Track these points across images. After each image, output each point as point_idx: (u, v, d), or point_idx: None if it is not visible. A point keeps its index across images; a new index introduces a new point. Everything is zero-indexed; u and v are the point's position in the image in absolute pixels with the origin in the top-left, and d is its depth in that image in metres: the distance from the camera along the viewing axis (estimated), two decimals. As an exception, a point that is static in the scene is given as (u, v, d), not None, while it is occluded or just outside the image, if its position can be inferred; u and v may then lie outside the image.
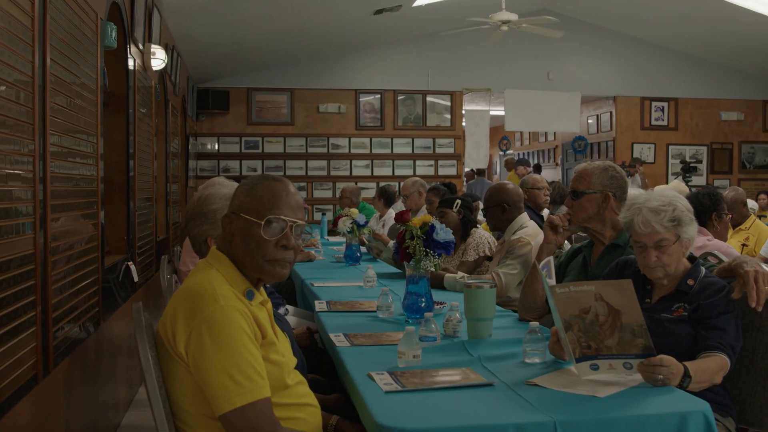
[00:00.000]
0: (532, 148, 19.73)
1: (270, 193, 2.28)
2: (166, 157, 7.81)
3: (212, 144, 12.94)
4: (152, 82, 6.70)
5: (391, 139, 13.50)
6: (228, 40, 10.55)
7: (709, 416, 2.14)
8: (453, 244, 3.43)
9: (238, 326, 2.10)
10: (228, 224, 2.30)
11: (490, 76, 13.64)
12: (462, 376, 2.48)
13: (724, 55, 14.35)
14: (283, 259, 2.27)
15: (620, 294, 2.38)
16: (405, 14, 11.36)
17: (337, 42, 12.56)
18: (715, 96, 14.88)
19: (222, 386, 2.05)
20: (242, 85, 12.98)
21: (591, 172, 3.47)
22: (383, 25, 11.81)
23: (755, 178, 14.91)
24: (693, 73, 14.67)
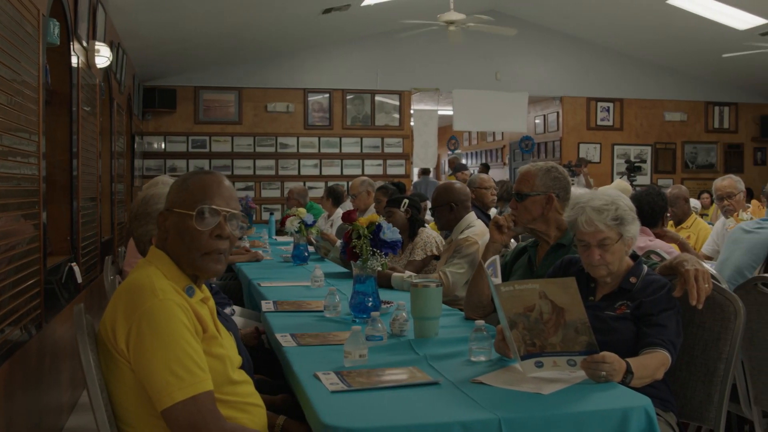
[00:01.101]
0: (480, 148, 19.87)
1: (201, 185, 2.27)
2: (111, 156, 7.70)
3: (159, 143, 12.79)
4: (97, 80, 6.60)
5: (340, 138, 13.48)
6: (175, 37, 10.44)
7: (650, 411, 2.18)
8: (400, 244, 3.44)
9: (177, 319, 2.09)
10: (163, 221, 2.28)
11: (439, 76, 13.70)
12: (408, 375, 2.48)
13: (668, 58, 14.60)
14: (217, 250, 2.24)
15: (564, 292, 2.41)
16: (354, 13, 11.35)
17: (285, 41, 12.50)
18: (659, 97, 15.14)
19: (163, 380, 2.03)
20: (189, 83, 12.85)
21: (534, 173, 3.50)
22: (332, 24, 11.79)
23: (698, 177, 15.20)
24: (638, 75, 14.90)
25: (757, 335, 3.10)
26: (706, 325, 2.94)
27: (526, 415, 2.12)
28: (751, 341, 3.14)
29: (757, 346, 3.11)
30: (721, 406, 2.88)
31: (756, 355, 3.13)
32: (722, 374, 2.88)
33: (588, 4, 12.73)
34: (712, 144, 15.63)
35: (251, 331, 3.73)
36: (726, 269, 3.79)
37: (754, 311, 3.08)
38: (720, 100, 15.55)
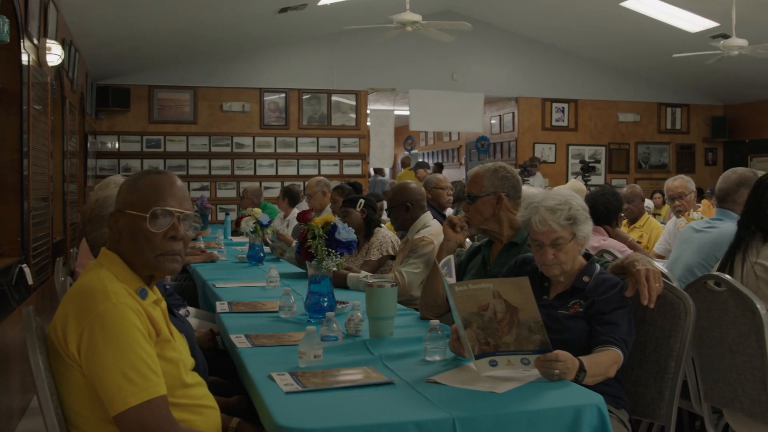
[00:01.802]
0: (436, 148, 19.95)
1: (153, 185, 2.25)
2: (63, 155, 7.59)
3: (112, 143, 12.63)
4: (48, 78, 6.49)
5: (296, 138, 13.43)
6: (128, 35, 10.32)
7: (602, 408, 2.21)
8: (355, 244, 3.43)
9: (131, 323, 2.06)
10: (115, 222, 2.25)
11: (395, 76, 13.71)
12: (363, 375, 2.48)
13: (622, 59, 14.79)
14: (172, 251, 2.23)
15: (517, 291, 2.43)
16: (310, 13, 11.32)
17: (241, 40, 12.43)
18: (612, 98, 15.33)
19: (116, 385, 2.00)
20: (144, 82, 12.70)
21: (482, 174, 3.52)
22: (288, 23, 11.74)
23: (650, 177, 15.41)
24: (592, 76, 15.07)
25: (707, 333, 3.15)
26: (658, 323, 2.98)
27: (481, 414, 2.14)
28: (700, 339, 3.19)
29: (707, 343, 3.16)
30: (672, 403, 2.92)
31: (705, 352, 3.18)
32: (673, 371, 2.92)
33: (543, 6, 12.84)
34: (665, 144, 15.86)
35: (206, 333, 3.70)
36: (677, 268, 3.85)
37: (704, 309, 3.13)
38: (672, 102, 15.79)
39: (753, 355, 2.91)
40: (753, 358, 2.91)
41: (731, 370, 3.04)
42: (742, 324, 2.95)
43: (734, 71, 13.17)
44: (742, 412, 3.02)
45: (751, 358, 2.92)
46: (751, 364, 2.93)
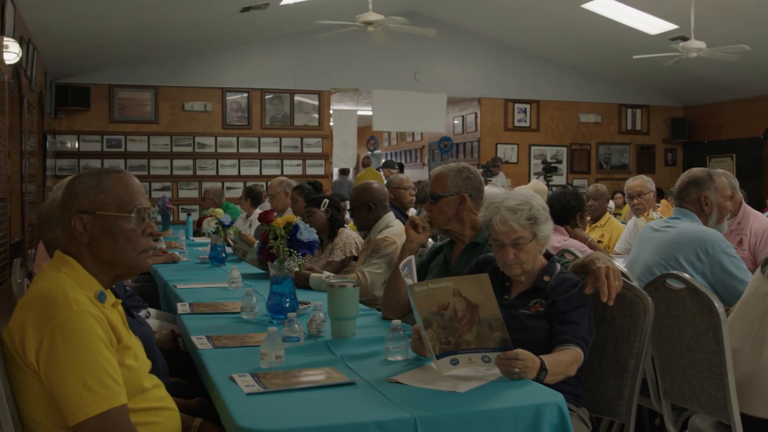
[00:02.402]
0: (399, 148, 19.97)
1: (122, 184, 2.24)
2: (21, 155, 7.49)
3: (72, 142, 12.49)
4: (5, 76, 6.40)
5: (259, 138, 13.37)
6: (88, 34, 10.20)
7: (563, 407, 2.22)
8: (317, 244, 3.43)
9: (92, 332, 2.03)
10: (81, 226, 2.20)
11: (358, 76, 13.70)
12: (325, 375, 2.48)
13: (584, 61, 14.92)
14: (150, 248, 2.27)
15: (477, 288, 2.44)
16: (273, 12, 11.28)
17: (203, 39, 12.34)
18: (574, 99, 15.46)
19: (76, 395, 1.97)
20: (104, 81, 12.57)
21: (446, 175, 3.53)
22: (251, 23, 11.69)
23: (611, 177, 15.56)
24: (554, 77, 15.18)
25: (666, 331, 3.18)
26: (617, 322, 3.01)
27: (442, 414, 2.14)
28: (659, 337, 3.23)
29: (666, 341, 3.20)
30: (631, 401, 2.95)
31: (665, 350, 3.21)
32: (632, 369, 2.96)
33: (506, 7, 12.91)
34: (625, 145, 16.04)
35: (167, 334, 3.67)
36: (636, 267, 3.89)
37: (663, 308, 3.17)
38: (633, 103, 15.97)
39: (711, 352, 2.95)
40: (711, 355, 2.95)
41: (690, 368, 3.08)
42: (700, 322, 2.98)
43: (693, 73, 13.36)
44: (701, 409, 3.05)
45: (709, 355, 2.96)
46: (709, 362, 2.96)
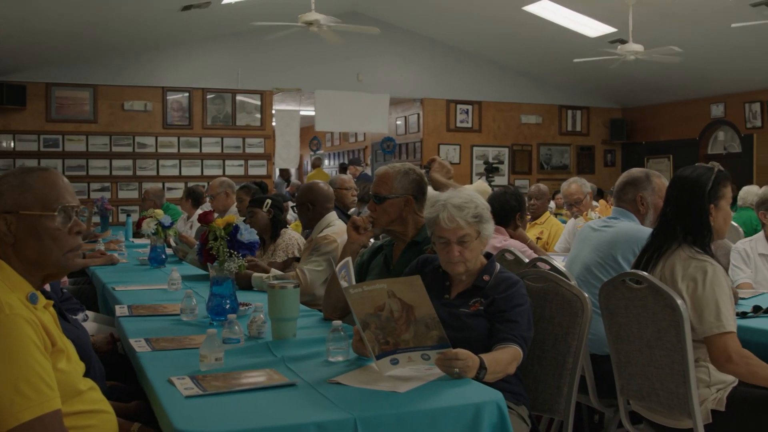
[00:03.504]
0: (342, 149, 19.96)
1: (47, 183, 2.20)
2: (-46, 155, 7.30)
3: (7, 142, 12.21)
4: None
5: (200, 138, 13.23)
6: (24, 31, 9.99)
7: (502, 405, 2.25)
8: (257, 245, 3.41)
9: (26, 336, 1.99)
10: (5, 226, 2.16)
11: (301, 76, 13.65)
12: (265, 377, 2.47)
13: (525, 62, 15.08)
14: (78, 246, 2.22)
15: (411, 290, 2.45)
16: (214, 11, 11.17)
17: (143, 37, 12.17)
18: (515, 100, 15.61)
19: (8, 400, 1.93)
20: (41, 79, 12.30)
21: (393, 176, 3.52)
22: (191, 21, 11.56)
23: (552, 178, 15.74)
24: (496, 78, 15.31)
25: (624, 329, 3.21)
26: (556, 321, 3.05)
27: (382, 414, 2.15)
28: (618, 335, 3.26)
29: (624, 339, 3.23)
30: (570, 398, 3.00)
31: (623, 348, 3.24)
32: (571, 367, 3.00)
33: (448, 9, 12.99)
34: (566, 146, 16.25)
35: (105, 338, 3.61)
36: (575, 266, 3.93)
37: (622, 306, 3.19)
38: (573, 104, 16.19)
39: (672, 349, 2.98)
40: (672, 352, 2.98)
41: (649, 365, 3.11)
42: (661, 320, 3.01)
43: (631, 75, 13.59)
44: (659, 405, 3.10)
45: (670, 352, 2.99)
46: (670, 358, 3.00)
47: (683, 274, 3.02)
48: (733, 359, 2.89)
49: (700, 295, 2.96)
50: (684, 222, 3.10)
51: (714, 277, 2.97)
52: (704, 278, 2.97)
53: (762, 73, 12.91)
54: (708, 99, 14.78)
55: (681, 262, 3.04)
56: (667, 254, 3.10)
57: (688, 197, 3.11)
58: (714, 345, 2.93)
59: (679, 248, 3.08)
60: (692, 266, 3.01)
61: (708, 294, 2.95)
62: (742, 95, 14.13)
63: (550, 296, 3.11)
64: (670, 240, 3.12)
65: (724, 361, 2.91)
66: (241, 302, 3.51)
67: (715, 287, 2.96)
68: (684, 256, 3.05)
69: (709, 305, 2.94)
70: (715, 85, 14.07)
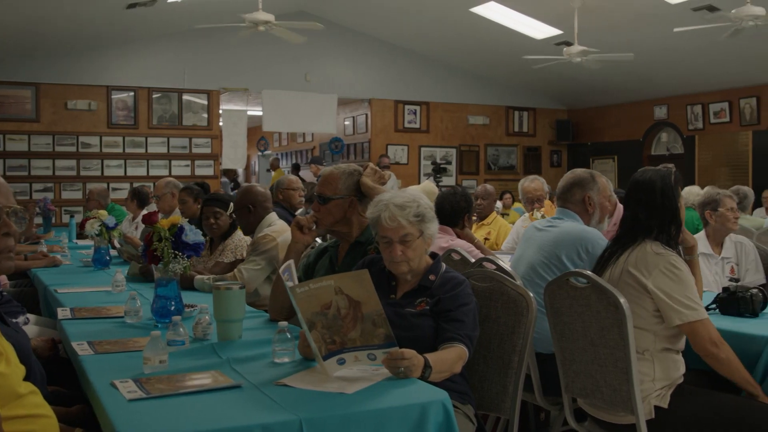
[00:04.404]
0: (290, 149, 19.90)
1: None
2: None
3: (-55, 141, 11.97)
4: None
5: (146, 138, 13.08)
6: (-37, 29, 9.79)
7: (447, 405, 2.25)
8: (203, 245, 3.38)
9: None
10: None
11: (248, 75, 13.59)
12: (210, 379, 2.45)
13: (472, 63, 15.19)
14: (7, 248, 2.15)
15: (358, 285, 2.45)
16: (160, 9, 11.06)
17: (87, 35, 11.99)
18: (463, 101, 15.72)
19: None
20: (-20, 77, 12.10)
21: (337, 177, 3.51)
22: (137, 19, 11.43)
23: (499, 178, 15.90)
24: (443, 79, 15.40)
25: (569, 327, 3.25)
26: (501, 320, 3.08)
27: (328, 415, 2.14)
28: (562, 333, 3.29)
29: (569, 337, 3.26)
30: (515, 397, 3.03)
31: (568, 346, 3.28)
32: (516, 366, 3.03)
33: (396, 9, 13.03)
34: (513, 147, 16.41)
35: (46, 341, 3.54)
36: (520, 266, 3.97)
37: (567, 305, 3.23)
38: (519, 105, 16.36)
39: (615, 347, 3.02)
40: (615, 350, 3.02)
41: (593, 363, 3.15)
42: (605, 318, 3.05)
43: (577, 77, 13.79)
44: (603, 402, 3.14)
45: (613, 350, 3.03)
46: (613, 356, 3.04)
47: (653, 266, 3.09)
48: (717, 344, 2.98)
49: (674, 285, 3.04)
50: (658, 221, 3.19)
51: (680, 270, 3.07)
52: (676, 270, 3.06)
53: (704, 76, 13.19)
54: (651, 101, 15.04)
55: (648, 256, 3.12)
56: (632, 247, 3.18)
57: (660, 198, 3.20)
58: (697, 332, 3.00)
59: (644, 242, 3.16)
60: (661, 259, 3.09)
61: (681, 284, 3.04)
62: (684, 97, 14.41)
63: (495, 296, 3.13)
64: (636, 236, 3.19)
65: (710, 346, 2.99)
66: (187, 304, 3.48)
67: (686, 278, 3.06)
68: (650, 250, 3.12)
69: (685, 294, 3.02)
70: (659, 87, 14.33)
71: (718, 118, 13.96)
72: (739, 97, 13.51)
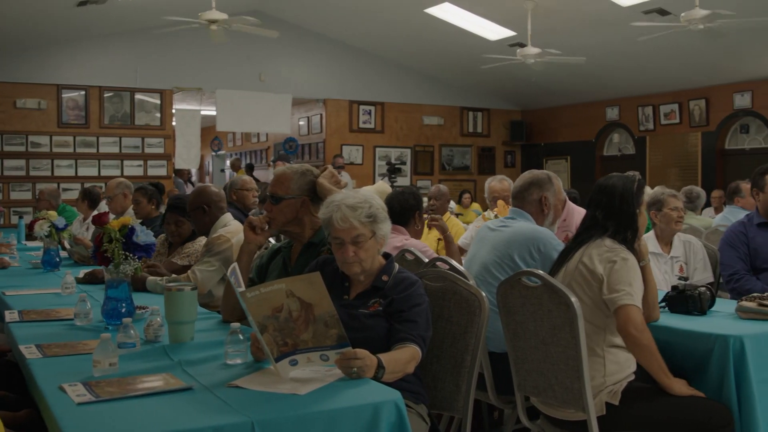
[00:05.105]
0: (244, 149, 19.80)
1: None
2: None
3: None
4: None
5: (97, 137, 12.91)
6: None
7: (400, 404, 2.26)
8: (154, 246, 3.34)
9: None
10: None
11: (202, 75, 13.49)
12: (162, 381, 2.42)
13: (427, 64, 15.24)
14: None
15: (310, 287, 2.44)
16: (111, 7, 10.93)
17: (37, 33, 11.80)
18: (418, 101, 15.77)
19: None
20: (-76, 75, 11.86)
21: (290, 176, 3.50)
22: (88, 17, 11.28)
23: (454, 178, 15.98)
24: (398, 80, 15.44)
25: (521, 326, 3.28)
26: (454, 320, 3.09)
27: (280, 416, 2.13)
28: (515, 332, 3.32)
29: (521, 336, 3.29)
30: (468, 395, 3.04)
31: (520, 345, 3.31)
32: (469, 365, 3.05)
33: (351, 10, 13.02)
34: (467, 147, 16.50)
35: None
36: (473, 266, 3.99)
37: (519, 304, 3.26)
38: (474, 106, 16.45)
39: (567, 346, 3.06)
40: (567, 348, 3.06)
41: (545, 361, 3.19)
42: (556, 317, 3.09)
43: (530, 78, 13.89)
44: (555, 399, 3.17)
45: (565, 348, 3.07)
46: (565, 354, 3.08)
47: (602, 257, 3.19)
48: (638, 327, 3.05)
49: (615, 272, 3.13)
50: (614, 223, 3.29)
51: (631, 263, 3.17)
52: (622, 261, 3.15)
53: (654, 77, 13.38)
54: (604, 102, 15.23)
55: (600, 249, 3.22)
56: (588, 243, 3.27)
57: (619, 202, 3.31)
58: (624, 313, 3.07)
59: (600, 239, 3.25)
60: (611, 252, 3.19)
61: (623, 272, 3.13)
62: (635, 99, 14.61)
63: (448, 295, 3.15)
64: (592, 234, 3.28)
65: (631, 329, 3.05)
66: (138, 306, 3.44)
67: (631, 270, 3.15)
68: (605, 244, 3.23)
69: (623, 280, 3.11)
70: (611, 89, 14.51)
71: (668, 119, 14.18)
72: (689, 98, 13.73)
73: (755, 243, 4.72)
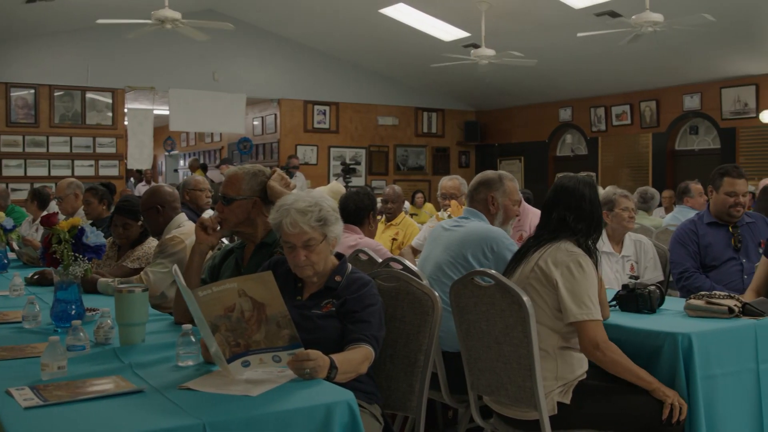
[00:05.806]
0: (198, 149, 19.65)
1: None
2: None
3: None
4: None
5: (47, 137, 12.73)
6: None
7: (352, 405, 2.26)
8: (104, 248, 3.30)
9: None
10: None
11: (155, 74, 13.37)
12: (112, 384, 2.39)
13: (382, 64, 15.27)
14: None
15: (262, 287, 2.43)
16: (62, 5, 10.78)
17: (-16, 31, 11.61)
18: (372, 101, 15.80)
19: None
20: None
21: (241, 177, 3.49)
22: (38, 14, 11.11)
23: (409, 179, 16.03)
24: (353, 80, 15.45)
25: (474, 326, 3.29)
26: (407, 319, 3.10)
27: (232, 418, 2.12)
28: (468, 332, 3.34)
29: (474, 336, 3.31)
30: (421, 395, 3.05)
31: (473, 344, 3.33)
32: (422, 365, 3.05)
33: (305, 10, 12.99)
34: (422, 147, 16.57)
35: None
36: (427, 265, 4.00)
37: (472, 304, 3.28)
38: (428, 107, 16.52)
39: (519, 345, 3.08)
40: (519, 347, 3.08)
41: (497, 360, 3.21)
42: (508, 316, 3.11)
43: (484, 79, 13.99)
44: (508, 398, 3.19)
45: (517, 347, 3.09)
46: (517, 353, 3.10)
47: (561, 262, 3.19)
48: (600, 347, 3.08)
49: (573, 282, 3.14)
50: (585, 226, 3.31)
51: (587, 269, 3.18)
52: (578, 268, 3.16)
53: (606, 79, 13.57)
54: (557, 103, 15.40)
55: (558, 253, 3.22)
56: (546, 246, 3.27)
57: (589, 205, 3.33)
58: (584, 331, 3.10)
59: (561, 241, 3.26)
60: (568, 256, 3.20)
61: (580, 283, 3.14)
62: (588, 100, 14.80)
63: (401, 295, 3.15)
64: (557, 236, 3.29)
65: (592, 348, 3.09)
66: (88, 308, 3.39)
67: (588, 278, 3.16)
68: (563, 248, 3.23)
69: (580, 293, 3.12)
70: (563, 90, 14.68)
71: (619, 120, 14.38)
72: (640, 100, 13.94)
73: (705, 241, 4.81)
